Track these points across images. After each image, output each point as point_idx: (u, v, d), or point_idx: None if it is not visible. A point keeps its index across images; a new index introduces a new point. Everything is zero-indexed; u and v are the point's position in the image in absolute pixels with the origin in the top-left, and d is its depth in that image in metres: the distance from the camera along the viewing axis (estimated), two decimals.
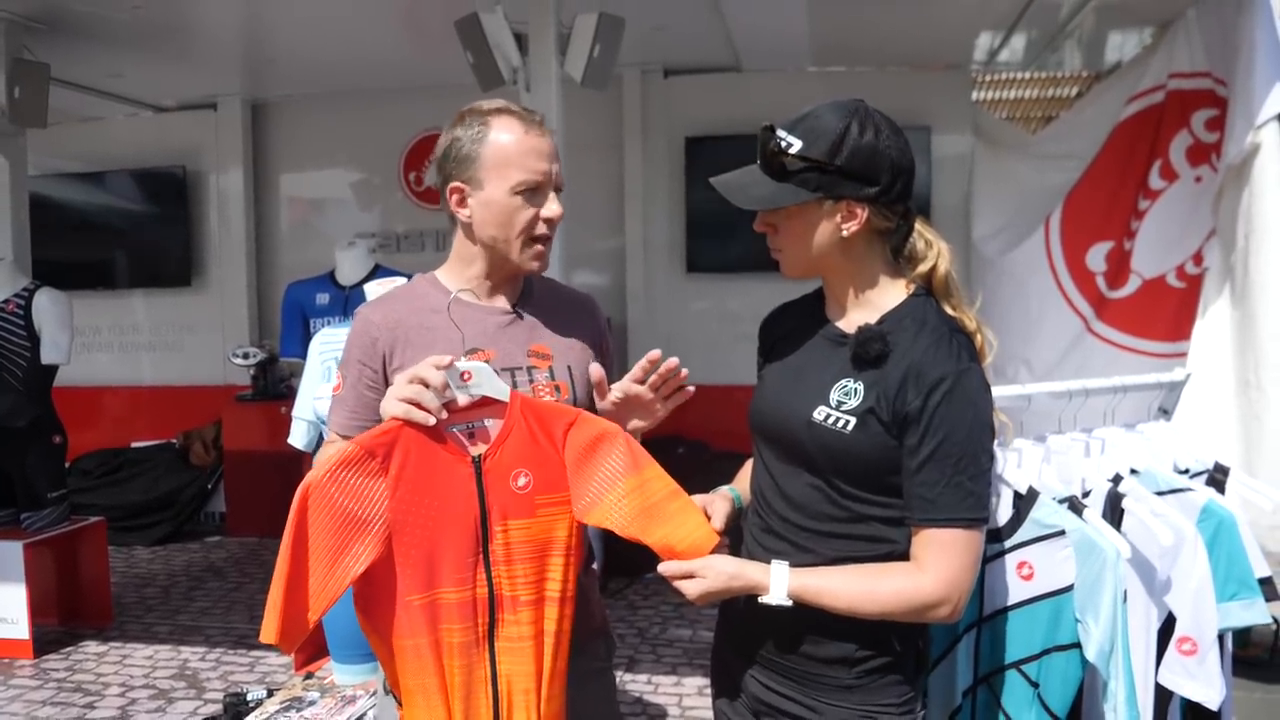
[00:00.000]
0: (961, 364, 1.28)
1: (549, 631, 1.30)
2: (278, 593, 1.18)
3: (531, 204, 1.41)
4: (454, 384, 1.28)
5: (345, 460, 1.23)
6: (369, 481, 1.24)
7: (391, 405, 1.27)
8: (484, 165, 1.40)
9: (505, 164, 1.39)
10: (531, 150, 1.40)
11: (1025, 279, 4.48)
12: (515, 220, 1.41)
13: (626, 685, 3.44)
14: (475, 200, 1.41)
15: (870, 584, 1.29)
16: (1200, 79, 4.00)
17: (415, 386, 1.26)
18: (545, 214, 1.42)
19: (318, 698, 2.34)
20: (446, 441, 1.29)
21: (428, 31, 4.42)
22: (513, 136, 1.40)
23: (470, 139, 1.40)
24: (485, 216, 1.41)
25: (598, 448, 1.32)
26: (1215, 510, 1.75)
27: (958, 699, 1.63)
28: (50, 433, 3.97)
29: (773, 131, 1.33)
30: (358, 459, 1.24)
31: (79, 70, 5.11)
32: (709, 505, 1.42)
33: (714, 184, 1.40)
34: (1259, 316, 3.36)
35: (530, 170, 1.40)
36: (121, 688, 3.52)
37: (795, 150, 1.31)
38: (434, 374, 1.26)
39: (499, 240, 1.42)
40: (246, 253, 6.07)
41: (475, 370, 1.30)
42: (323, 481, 1.22)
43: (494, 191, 1.40)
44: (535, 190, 1.41)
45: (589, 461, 1.32)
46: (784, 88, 5.35)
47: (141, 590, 4.70)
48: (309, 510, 1.21)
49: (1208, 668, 1.67)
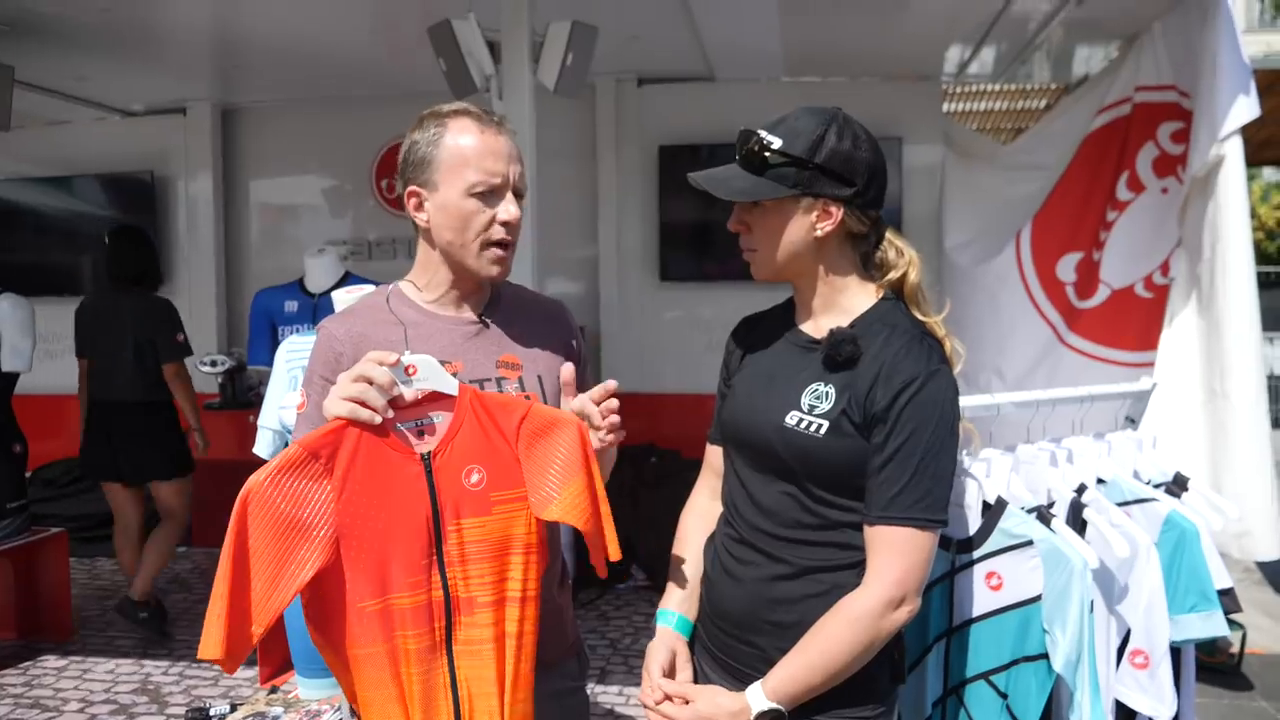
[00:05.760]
0: (932, 365, 1.29)
1: (510, 634, 1.25)
2: (219, 606, 1.13)
3: (488, 206, 1.38)
4: (399, 379, 1.24)
5: (287, 463, 1.18)
6: (312, 484, 1.19)
7: (335, 405, 1.23)
8: (439, 168, 1.37)
9: (461, 165, 1.36)
10: (488, 151, 1.37)
11: (997, 289, 4.51)
12: (471, 223, 1.37)
13: (598, 697, 3.42)
14: (431, 204, 1.39)
15: (827, 633, 1.28)
16: (1166, 92, 4.06)
17: (360, 385, 1.22)
18: (502, 217, 1.38)
19: (281, 713, 2.29)
20: (394, 439, 1.24)
21: (400, 38, 4.40)
22: (469, 138, 1.37)
23: (427, 141, 1.37)
24: (441, 220, 1.38)
25: (553, 440, 1.28)
26: (1178, 521, 1.77)
27: (928, 709, 1.64)
28: (10, 441, 3.89)
29: (753, 132, 1.34)
30: (300, 461, 1.19)
31: (44, 73, 5.02)
32: (676, 654, 1.44)
33: (693, 179, 1.39)
34: (1225, 326, 3.41)
35: (486, 171, 1.36)
36: (81, 703, 3.44)
37: (776, 146, 1.32)
38: (379, 371, 1.22)
39: (455, 245, 1.39)
40: (215, 259, 5.98)
41: (420, 364, 1.26)
42: (263, 486, 1.16)
43: (449, 194, 1.37)
44: (491, 192, 1.37)
45: (544, 454, 1.28)
46: (758, 97, 5.37)
47: (104, 603, 4.60)
48: (249, 517, 1.15)
49: (1159, 682, 1.68)
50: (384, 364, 1.23)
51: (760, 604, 1.37)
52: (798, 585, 1.34)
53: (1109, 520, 1.67)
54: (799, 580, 1.34)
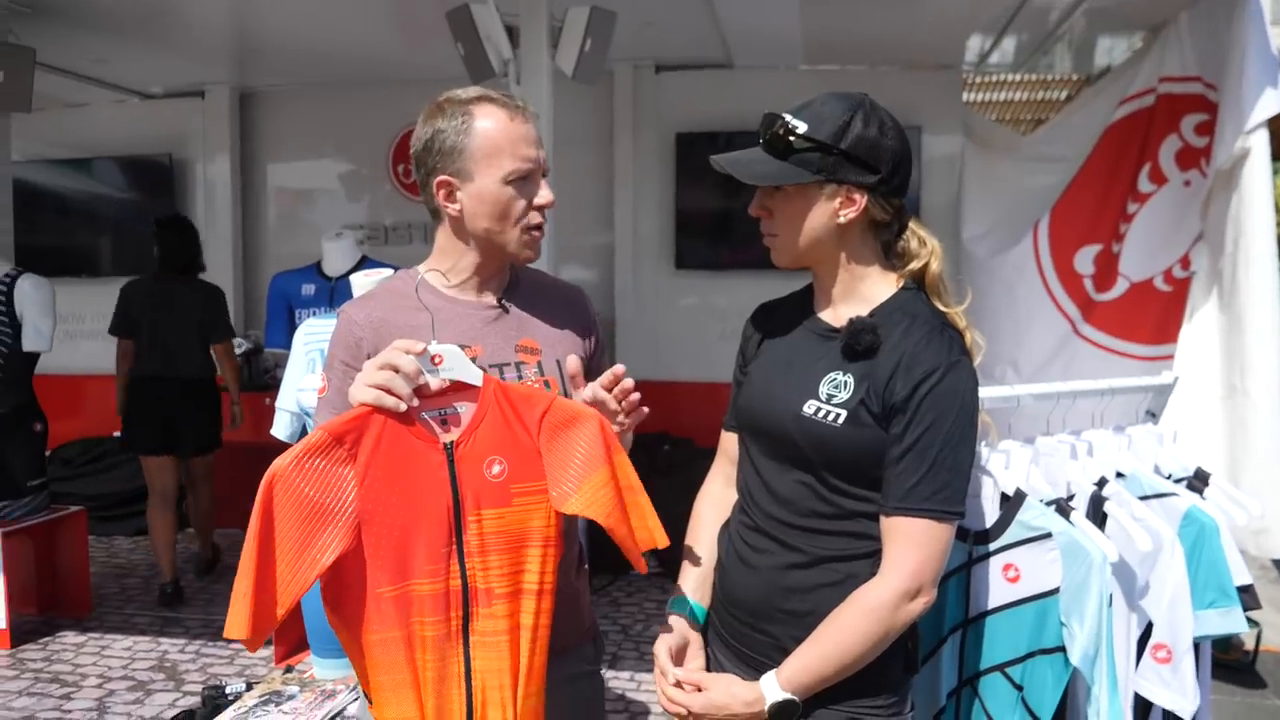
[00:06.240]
0: (953, 356, 1.28)
1: (525, 626, 1.26)
2: (245, 587, 1.14)
3: (523, 193, 1.39)
4: (425, 368, 1.24)
5: (312, 448, 1.18)
6: (337, 469, 1.19)
7: (361, 391, 1.23)
8: (472, 156, 1.36)
9: (495, 153, 1.36)
10: (520, 138, 1.37)
11: (1014, 280, 4.48)
12: (510, 211, 1.38)
13: (610, 682, 3.43)
14: (465, 193, 1.38)
15: (842, 624, 1.28)
16: (1190, 83, 4.01)
17: (386, 372, 1.22)
18: (539, 201, 1.40)
19: (297, 692, 2.31)
20: (417, 427, 1.25)
21: (418, 22, 4.39)
22: (499, 124, 1.36)
23: (455, 130, 1.37)
24: (478, 209, 1.38)
25: (574, 434, 1.28)
26: (1197, 516, 1.75)
27: (942, 700, 1.63)
28: (31, 421, 3.93)
29: (778, 116, 1.33)
30: (325, 446, 1.19)
31: (64, 55, 5.04)
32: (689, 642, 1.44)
33: (715, 161, 1.38)
34: (1246, 321, 3.38)
35: (521, 158, 1.37)
36: (99, 679, 3.49)
37: (801, 131, 1.30)
38: (405, 360, 1.22)
39: (494, 232, 1.39)
40: (233, 242, 6.02)
41: (447, 354, 1.26)
42: (288, 470, 1.17)
43: (485, 183, 1.37)
44: (526, 178, 1.38)
45: (565, 448, 1.28)
46: (776, 85, 5.34)
47: (122, 580, 4.66)
48: (274, 500, 1.16)
49: (1182, 676, 1.67)
50: (410, 352, 1.23)
51: (774, 592, 1.36)
52: (812, 574, 1.34)
53: (1131, 514, 1.66)
54: (814, 569, 1.34)
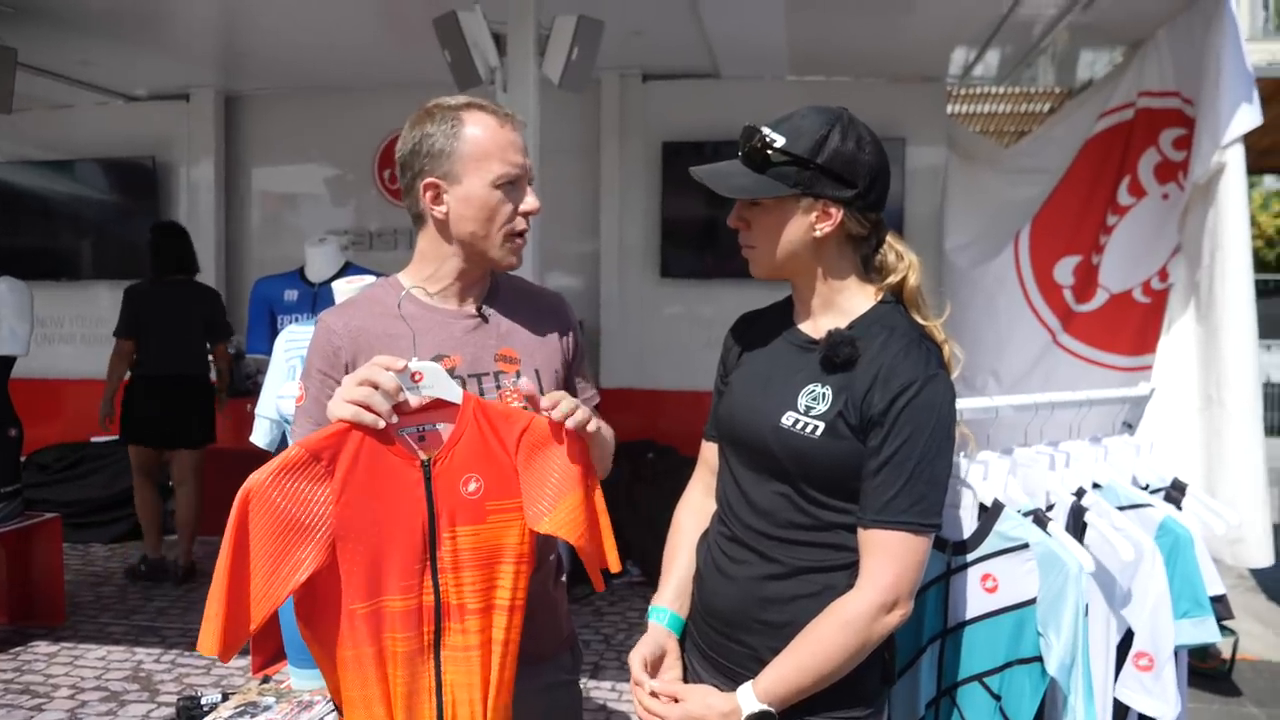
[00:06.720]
0: (930, 370, 1.29)
1: (496, 640, 1.26)
2: (217, 603, 1.13)
3: (510, 198, 1.39)
4: (405, 385, 1.24)
5: (288, 464, 1.18)
6: (313, 486, 1.19)
7: (340, 408, 1.22)
8: (461, 159, 1.37)
9: (484, 157, 1.37)
10: (509, 143, 1.39)
11: (995, 291, 4.52)
12: (497, 215, 1.39)
13: (590, 693, 3.42)
14: (452, 196, 1.38)
15: (819, 635, 1.28)
16: (1169, 98, 4.06)
17: (365, 389, 1.22)
18: (524, 207, 1.41)
19: (273, 703, 2.29)
20: (395, 444, 1.24)
21: (405, 29, 4.39)
22: (488, 130, 1.37)
23: (444, 134, 1.37)
24: (464, 212, 1.39)
25: (551, 454, 1.29)
26: (1172, 527, 1.77)
27: (921, 710, 1.63)
28: (5, 426, 3.88)
29: (756, 129, 1.34)
30: (302, 462, 1.19)
31: (48, 56, 5.00)
32: (666, 651, 1.43)
33: (695, 173, 1.39)
34: (1222, 333, 3.41)
35: (509, 163, 1.38)
36: (71, 689, 3.44)
37: (779, 145, 1.31)
38: (385, 376, 1.22)
39: (478, 236, 1.40)
40: (216, 247, 5.97)
41: (427, 371, 1.26)
42: (264, 486, 1.16)
43: (473, 185, 1.37)
44: (514, 184, 1.39)
45: (542, 468, 1.28)
46: (762, 95, 5.37)
47: (97, 589, 4.60)
48: (250, 516, 1.15)
49: (1164, 684, 1.68)
50: (391, 369, 1.23)
51: (752, 603, 1.37)
52: (790, 585, 1.34)
53: (1112, 524, 1.67)
54: (791, 580, 1.34)
